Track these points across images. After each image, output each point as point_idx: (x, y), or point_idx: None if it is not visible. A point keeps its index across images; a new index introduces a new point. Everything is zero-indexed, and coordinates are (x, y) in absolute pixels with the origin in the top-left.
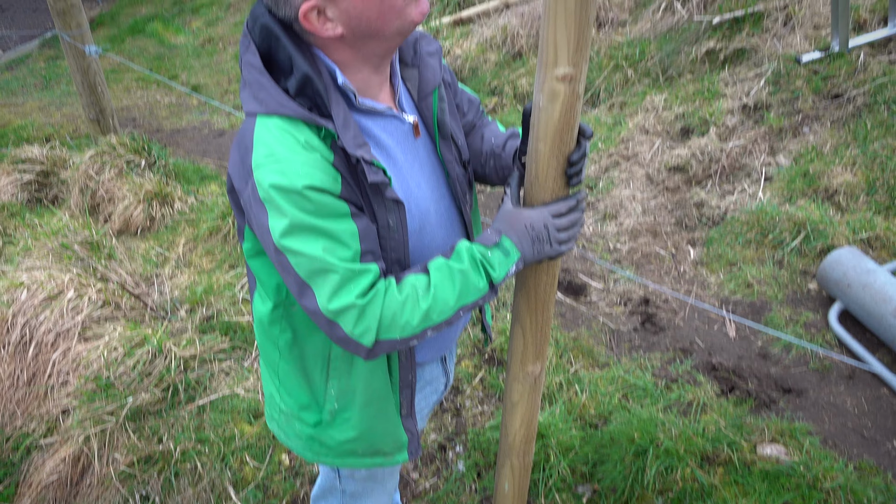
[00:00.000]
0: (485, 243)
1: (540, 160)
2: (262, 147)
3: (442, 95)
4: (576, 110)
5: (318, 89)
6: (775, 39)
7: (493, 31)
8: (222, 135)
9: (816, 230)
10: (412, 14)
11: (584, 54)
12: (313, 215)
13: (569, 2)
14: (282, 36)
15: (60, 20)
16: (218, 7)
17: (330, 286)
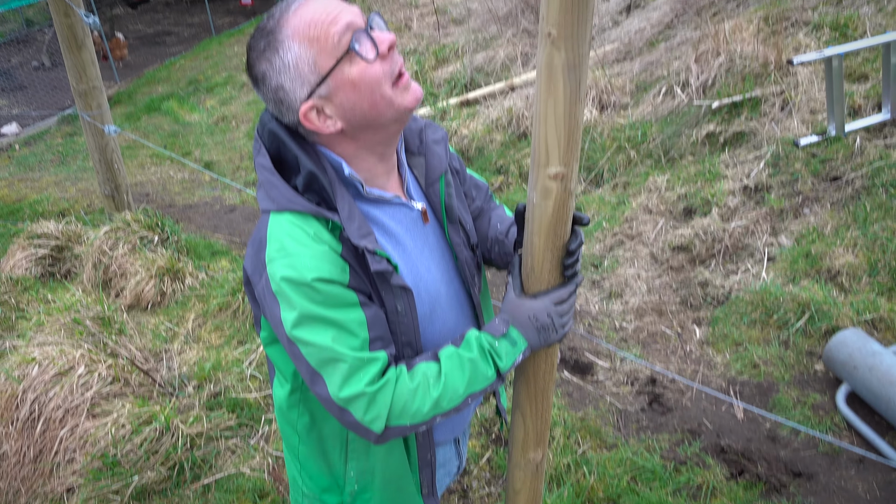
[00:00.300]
0: (493, 333)
1: (535, 254)
2: (274, 242)
3: (449, 181)
4: (568, 206)
5: (324, 185)
6: (773, 123)
7: (498, 112)
8: (233, 210)
9: (821, 311)
10: (405, 101)
11: (574, 154)
12: (322, 306)
13: (558, 107)
14: (287, 139)
15: (82, 101)
16: (232, 86)
17: (340, 375)
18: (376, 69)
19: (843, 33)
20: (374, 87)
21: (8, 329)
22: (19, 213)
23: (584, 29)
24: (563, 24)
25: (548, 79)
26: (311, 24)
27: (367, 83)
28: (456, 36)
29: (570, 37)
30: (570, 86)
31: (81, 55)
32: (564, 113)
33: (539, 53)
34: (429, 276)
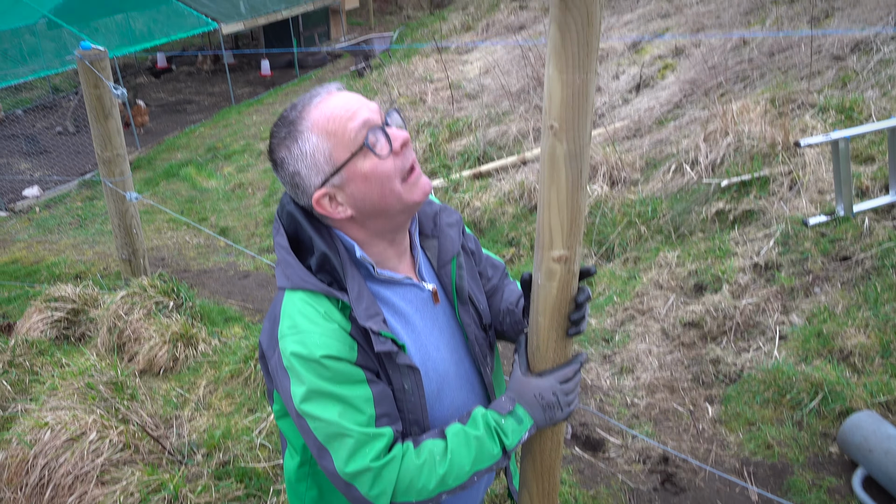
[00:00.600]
0: (499, 410)
1: (541, 333)
2: (287, 319)
3: (460, 263)
4: (571, 287)
5: (335, 266)
6: (782, 202)
7: (510, 185)
8: (247, 276)
9: (834, 392)
10: (413, 196)
11: (577, 238)
12: (330, 382)
13: (561, 193)
14: (303, 221)
15: (105, 167)
16: (249, 154)
17: (346, 450)
18: (388, 165)
19: (848, 116)
20: (385, 181)
21: (21, 392)
22: (37, 274)
23: (584, 122)
24: (564, 118)
25: (551, 167)
26: (331, 118)
27: (378, 177)
28: (469, 110)
29: (570, 129)
30: (572, 174)
31: (108, 124)
32: (567, 199)
33: (542, 143)
34: (437, 356)
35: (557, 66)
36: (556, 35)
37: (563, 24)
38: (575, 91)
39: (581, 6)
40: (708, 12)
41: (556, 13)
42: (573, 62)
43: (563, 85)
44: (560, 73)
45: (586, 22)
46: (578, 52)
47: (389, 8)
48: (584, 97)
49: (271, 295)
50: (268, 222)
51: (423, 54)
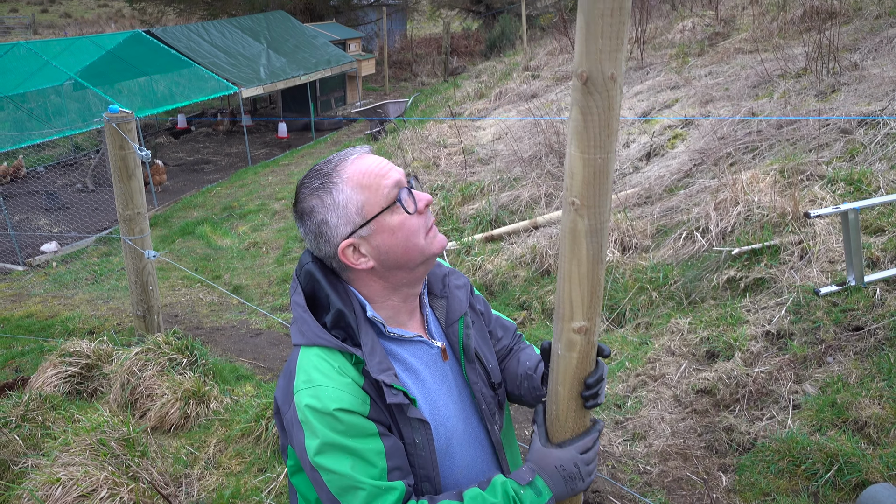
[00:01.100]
0: (519, 481)
1: (560, 402)
2: (302, 374)
3: (468, 323)
4: (591, 358)
5: (350, 322)
6: (793, 271)
7: (522, 249)
8: (259, 335)
9: (849, 463)
10: (432, 247)
11: (596, 309)
12: (343, 435)
13: (581, 266)
14: (321, 278)
15: (126, 225)
16: (264, 214)
17: (358, 502)
18: (414, 221)
19: (857, 188)
20: (410, 235)
21: (33, 447)
22: (51, 329)
23: (604, 199)
24: (585, 195)
25: (572, 241)
26: (366, 174)
27: (404, 232)
28: (482, 175)
29: (591, 206)
30: (592, 248)
31: (131, 184)
32: (587, 272)
33: (563, 218)
34: (446, 412)
35: (579, 146)
36: (578, 117)
37: (586, 108)
38: (596, 170)
39: (603, 91)
40: (716, 84)
41: (578, 97)
42: (594, 143)
43: (585, 164)
44: (582, 152)
45: (607, 106)
46: (600, 134)
47: (404, 75)
48: (605, 175)
49: (283, 354)
50: (281, 281)
51: (437, 120)
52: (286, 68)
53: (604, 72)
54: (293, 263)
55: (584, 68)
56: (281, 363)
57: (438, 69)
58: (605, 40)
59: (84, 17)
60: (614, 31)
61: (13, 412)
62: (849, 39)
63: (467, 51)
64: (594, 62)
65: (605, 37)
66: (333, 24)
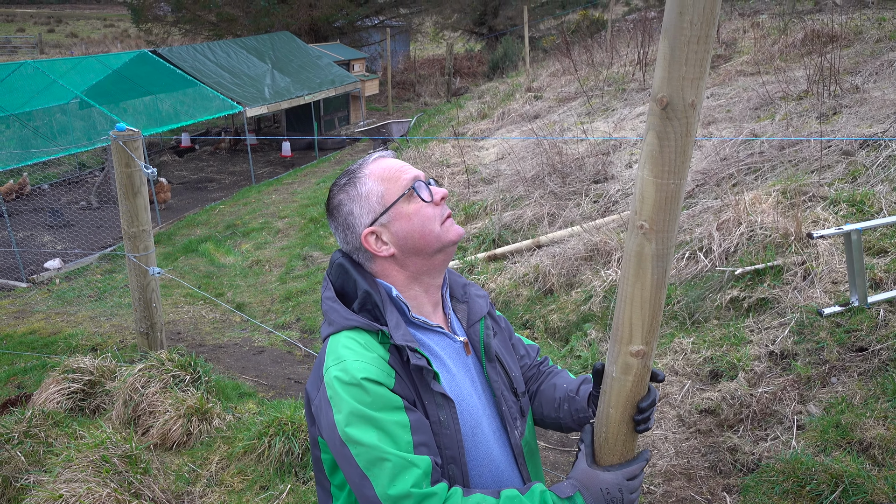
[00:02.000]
0: (559, 493)
1: (611, 425)
2: (331, 355)
3: (488, 325)
4: (645, 381)
5: (376, 301)
6: (796, 292)
7: (525, 268)
8: (262, 352)
9: (854, 484)
10: (449, 235)
11: (655, 333)
12: (369, 407)
13: (645, 291)
14: (350, 268)
15: (130, 242)
16: (267, 232)
17: (386, 475)
18: (428, 209)
19: (859, 209)
20: (425, 221)
21: (35, 463)
22: (54, 345)
23: (673, 224)
24: (655, 220)
25: (637, 265)
26: (387, 169)
27: (420, 218)
28: (485, 194)
29: (660, 231)
30: (658, 273)
31: (136, 201)
32: (651, 297)
33: (629, 241)
34: (470, 400)
35: (653, 170)
36: (654, 142)
37: (663, 133)
38: (668, 195)
39: (682, 118)
40: (718, 106)
41: (655, 122)
42: (669, 168)
43: (657, 189)
44: (655, 177)
45: (685, 132)
46: (675, 159)
47: (407, 95)
48: (676, 201)
49: (285, 371)
50: (284, 299)
51: (440, 140)
52: (290, 88)
53: (685, 98)
54: (296, 282)
55: (665, 94)
56: (284, 381)
57: (441, 90)
58: (689, 67)
59: (90, 36)
60: (699, 58)
61: (16, 428)
62: (850, 63)
63: (470, 72)
64: (676, 88)
65: (689, 64)
66: (338, 45)
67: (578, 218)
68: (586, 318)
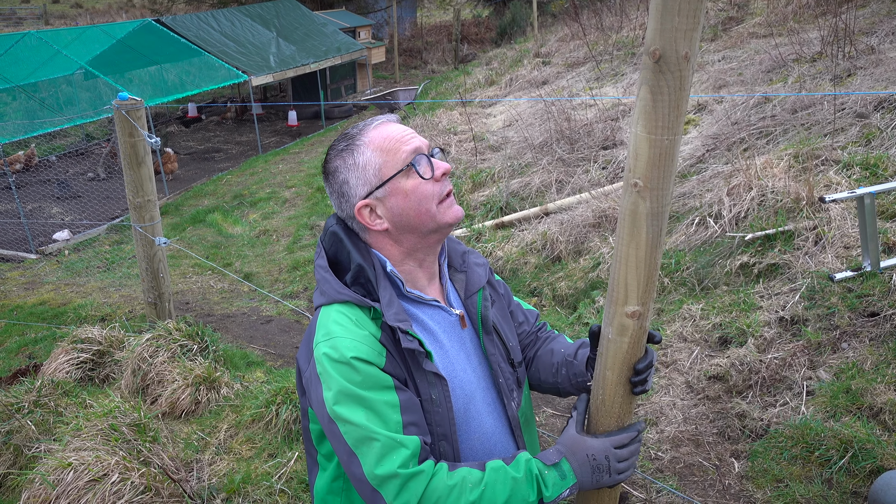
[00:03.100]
0: (544, 461)
1: (607, 387)
2: (321, 329)
3: (486, 296)
4: (642, 343)
5: (369, 276)
6: (807, 257)
7: (533, 235)
8: (270, 322)
9: (864, 449)
10: (445, 217)
11: (651, 294)
12: (359, 386)
13: (640, 250)
14: (344, 238)
15: (136, 213)
16: (275, 202)
17: (374, 454)
18: (427, 186)
19: (873, 172)
20: (422, 200)
21: (45, 432)
22: (64, 316)
23: (668, 182)
24: (649, 177)
25: (631, 224)
26: (387, 138)
27: (416, 196)
28: (492, 162)
29: (655, 188)
30: (652, 232)
31: (140, 171)
32: (646, 256)
33: (623, 200)
34: (464, 376)
35: (646, 126)
36: (646, 97)
37: (656, 87)
38: (662, 151)
39: (675, 71)
40: (730, 69)
41: (648, 76)
42: (663, 123)
43: (651, 145)
44: (649, 133)
45: (678, 86)
46: (669, 114)
47: (414, 62)
48: (670, 158)
49: (294, 340)
50: (291, 269)
51: (447, 107)
52: (296, 56)
53: (678, 51)
54: (304, 251)
55: (657, 46)
56: (292, 350)
57: (449, 57)
58: (682, 18)
59: (95, 6)
60: (692, 8)
61: (26, 398)
62: (865, 23)
63: (478, 38)
64: (669, 40)
65: (682, 14)
66: (343, 12)
67: (587, 184)
68: (594, 285)
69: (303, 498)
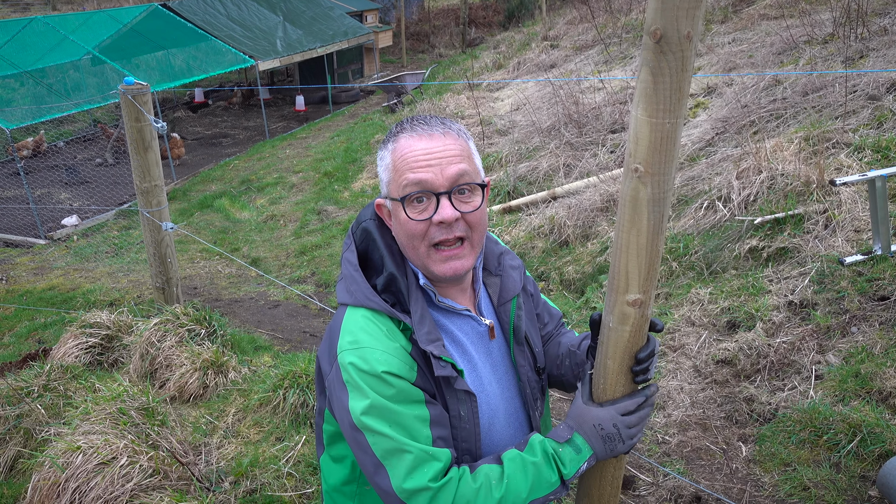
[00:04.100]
0: (557, 439)
1: (609, 377)
2: (347, 335)
3: (520, 304)
4: (644, 331)
5: (401, 288)
6: (817, 241)
7: (540, 220)
8: (277, 306)
9: (873, 433)
10: (434, 269)
11: (653, 282)
12: (391, 400)
13: (641, 237)
14: (378, 238)
15: (143, 198)
16: (282, 187)
17: (404, 467)
18: (413, 226)
19: (885, 155)
20: (410, 237)
21: (55, 416)
22: (73, 301)
23: (670, 166)
24: (650, 162)
25: (632, 211)
26: (403, 157)
27: (405, 229)
28: (500, 146)
29: (656, 173)
30: (654, 219)
31: (147, 156)
32: (647, 244)
33: (624, 185)
34: (490, 389)
35: (647, 109)
36: (647, 78)
37: (657, 69)
38: (664, 135)
39: (677, 51)
40: (740, 52)
41: (649, 57)
42: (664, 106)
43: (652, 129)
44: (650, 116)
45: (680, 67)
46: (670, 97)
47: (422, 46)
48: (672, 141)
49: (301, 325)
50: (299, 254)
51: (454, 91)
52: (303, 40)
53: (679, 30)
54: (311, 236)
55: (659, 26)
56: (300, 334)
57: (456, 40)
58: None
59: None
60: None
61: (35, 382)
62: (878, 4)
63: (486, 21)
64: (670, 19)
65: None
66: None
67: (595, 168)
68: (602, 269)
69: (310, 481)
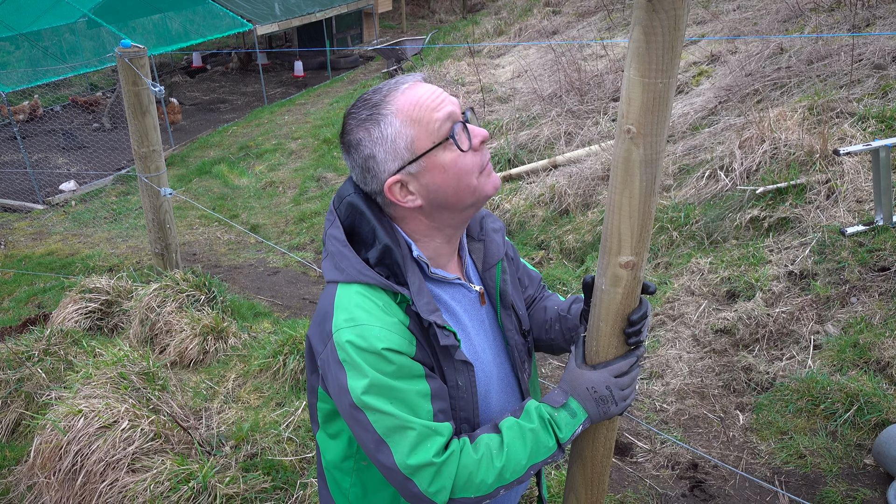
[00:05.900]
0: (552, 404)
1: (601, 338)
2: (342, 312)
3: (505, 268)
4: (636, 294)
5: (397, 259)
6: (819, 211)
7: (541, 188)
8: (276, 273)
9: (870, 403)
10: (486, 189)
11: (645, 244)
12: (391, 376)
13: (633, 199)
14: (367, 211)
15: (141, 163)
16: (281, 153)
17: (407, 443)
18: (468, 159)
19: (889, 125)
20: (462, 175)
21: (56, 380)
22: (72, 266)
23: (662, 127)
24: (643, 123)
25: (625, 172)
26: (417, 106)
27: (456, 170)
28: (500, 113)
29: (648, 134)
30: (646, 180)
31: (145, 121)
32: (639, 205)
33: (616, 147)
34: (484, 356)
35: (640, 69)
36: (640, 38)
37: (649, 28)
38: (656, 95)
39: (669, 9)
40: (745, 19)
41: (641, 15)
42: (657, 66)
43: (644, 89)
44: (642, 76)
45: (673, 25)
46: (663, 56)
47: (422, 12)
48: (665, 102)
49: (300, 292)
50: (298, 220)
51: (455, 58)
52: (301, 4)
53: None
54: (310, 203)
55: None
56: (299, 301)
57: (457, 6)
58: None
59: None
60: None
61: (36, 346)
62: None
63: None
64: None
65: None
66: None
67: (596, 137)
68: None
69: (309, 446)
